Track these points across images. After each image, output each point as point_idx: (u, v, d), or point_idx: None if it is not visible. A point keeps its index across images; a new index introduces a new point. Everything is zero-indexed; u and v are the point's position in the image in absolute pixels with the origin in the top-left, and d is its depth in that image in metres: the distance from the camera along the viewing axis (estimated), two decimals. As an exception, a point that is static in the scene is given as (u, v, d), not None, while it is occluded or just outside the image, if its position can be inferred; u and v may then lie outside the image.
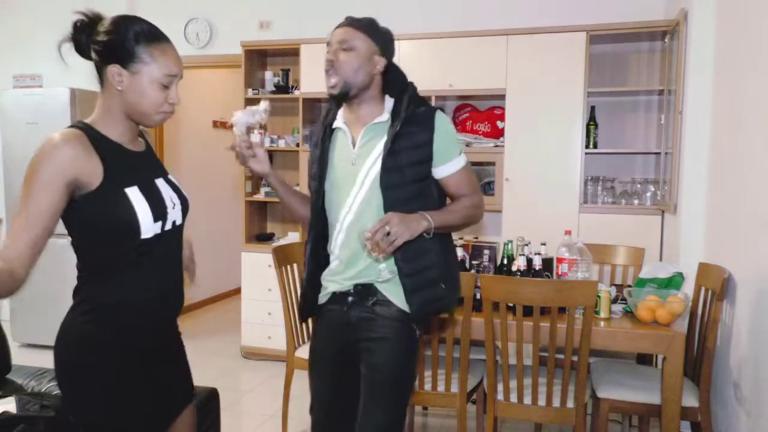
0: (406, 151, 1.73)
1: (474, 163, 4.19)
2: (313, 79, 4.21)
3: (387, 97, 1.84)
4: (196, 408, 1.95)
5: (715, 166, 2.94)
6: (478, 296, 2.46)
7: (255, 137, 1.83)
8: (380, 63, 1.78)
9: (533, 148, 3.82)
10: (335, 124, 1.83)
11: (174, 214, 1.53)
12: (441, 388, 2.56)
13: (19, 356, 2.69)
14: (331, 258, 1.85)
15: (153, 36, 1.45)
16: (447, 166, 1.78)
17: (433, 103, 3.97)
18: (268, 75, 4.57)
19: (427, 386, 2.58)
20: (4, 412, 1.99)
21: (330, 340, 1.88)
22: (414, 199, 1.73)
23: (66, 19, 1.50)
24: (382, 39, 1.80)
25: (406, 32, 4.10)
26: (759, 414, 2.17)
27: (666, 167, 3.46)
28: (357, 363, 1.82)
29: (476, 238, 3.08)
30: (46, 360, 1.46)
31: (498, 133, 4.04)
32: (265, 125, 1.90)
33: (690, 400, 2.44)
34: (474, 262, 2.81)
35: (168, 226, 1.52)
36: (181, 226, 1.59)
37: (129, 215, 1.41)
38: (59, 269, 4.54)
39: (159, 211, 1.47)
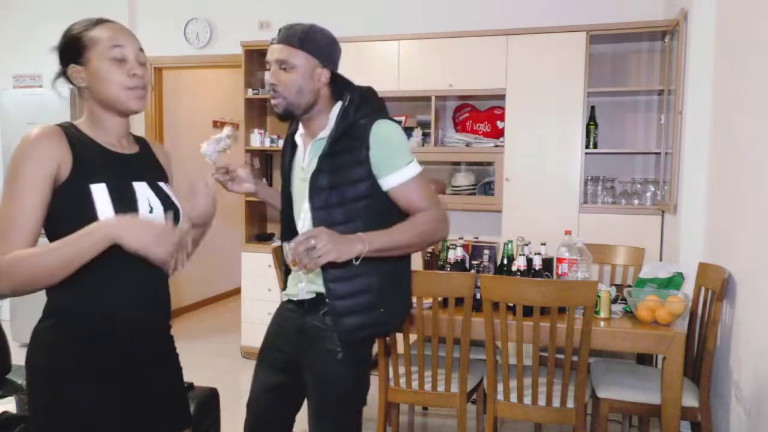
0: (345, 168, 1.65)
1: (474, 163, 4.19)
2: (313, 79, 4.21)
3: (335, 106, 1.74)
4: (197, 408, 1.95)
5: (715, 166, 2.94)
6: (478, 296, 2.46)
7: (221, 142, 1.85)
8: (323, 75, 1.69)
9: (533, 148, 3.82)
10: (297, 134, 1.83)
11: (147, 215, 1.42)
12: (441, 388, 2.56)
13: (19, 356, 2.68)
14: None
15: (89, 23, 1.43)
16: (391, 177, 1.65)
17: (433, 102, 3.97)
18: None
19: (427, 386, 2.58)
20: (4, 412, 1.99)
21: (283, 337, 1.85)
22: (350, 222, 1.63)
23: (66, 19, 1.50)
24: (322, 50, 1.68)
25: (406, 32, 4.10)
26: (759, 414, 2.17)
27: (666, 167, 3.46)
28: (303, 369, 1.77)
29: (476, 238, 3.08)
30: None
31: (498, 133, 4.04)
32: (227, 150, 1.89)
33: (690, 400, 2.44)
34: (474, 262, 2.81)
35: None
36: None
37: (88, 212, 1.33)
38: (59, 269, 4.55)
39: (125, 211, 1.36)
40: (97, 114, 1.45)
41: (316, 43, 1.68)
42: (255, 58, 4.59)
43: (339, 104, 1.72)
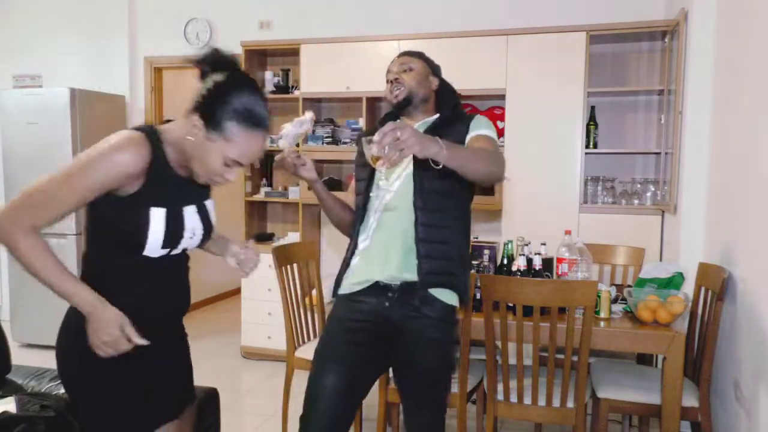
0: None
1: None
2: (312, 80, 4.21)
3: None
4: (197, 407, 1.95)
5: (715, 166, 2.94)
6: (478, 296, 2.46)
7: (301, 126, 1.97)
8: (434, 82, 2.08)
9: (533, 148, 3.82)
10: None
11: (187, 243, 1.54)
12: (441, 388, 2.56)
13: (19, 356, 2.69)
14: (361, 239, 1.94)
15: (250, 120, 1.40)
16: (473, 132, 1.94)
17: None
18: (268, 75, 4.57)
19: (427, 386, 2.58)
20: (4, 412, 1.99)
21: (356, 331, 1.86)
22: (450, 194, 1.89)
23: (66, 19, 1.49)
24: (433, 64, 2.12)
25: (406, 32, 4.10)
26: (759, 414, 2.17)
27: (666, 167, 3.46)
28: (378, 366, 1.91)
29: (476, 238, 3.08)
30: (46, 360, 1.47)
31: (498, 133, 4.04)
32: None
33: (690, 400, 2.44)
34: (474, 262, 2.81)
35: (176, 251, 1.53)
36: (193, 249, 1.61)
37: (141, 232, 1.41)
38: (59, 269, 4.55)
39: (172, 240, 1.47)
40: (180, 150, 1.47)
41: (428, 59, 2.12)
42: (255, 58, 4.59)
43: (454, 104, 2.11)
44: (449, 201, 1.92)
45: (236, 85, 1.41)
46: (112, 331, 1.40)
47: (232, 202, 5.18)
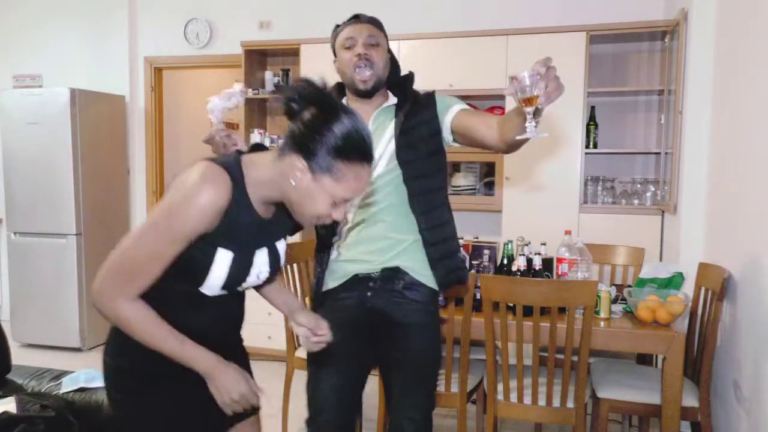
0: (418, 127, 1.87)
1: (474, 163, 4.19)
2: (313, 79, 4.21)
3: (391, 96, 1.98)
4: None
5: (715, 166, 2.94)
6: (478, 296, 2.46)
7: (234, 97, 1.86)
8: (389, 60, 1.95)
9: (533, 148, 3.82)
10: None
11: (248, 283, 1.45)
12: (441, 388, 2.56)
13: (19, 356, 2.69)
14: (335, 239, 1.90)
15: (355, 153, 1.27)
16: (456, 106, 1.90)
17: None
18: (268, 75, 4.57)
19: (427, 386, 2.58)
20: (4, 412, 1.98)
21: (344, 327, 1.80)
22: (432, 175, 1.88)
23: (66, 20, 1.47)
24: (386, 36, 1.98)
25: (406, 32, 4.10)
26: (759, 414, 2.17)
27: (666, 167, 3.46)
28: (371, 356, 1.88)
29: (476, 238, 3.08)
30: (46, 360, 1.46)
31: (498, 133, 4.04)
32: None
33: (690, 400, 2.44)
34: (474, 262, 2.81)
35: (233, 291, 1.46)
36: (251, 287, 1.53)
37: (203, 270, 1.33)
38: (59, 269, 4.55)
39: (233, 283, 1.40)
40: (271, 186, 1.34)
41: (384, 30, 1.98)
42: (255, 58, 4.59)
43: (402, 80, 1.99)
44: (440, 195, 1.94)
45: (339, 118, 1.27)
46: (241, 388, 1.38)
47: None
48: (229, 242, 1.33)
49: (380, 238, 1.85)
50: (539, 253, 2.63)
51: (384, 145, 1.87)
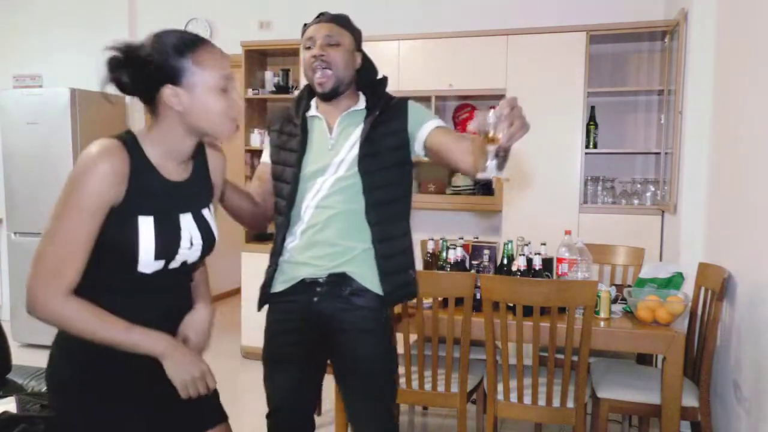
0: (384, 137, 1.79)
1: (474, 163, 4.18)
2: (313, 79, 4.21)
3: (361, 97, 1.90)
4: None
5: (715, 166, 2.94)
6: (478, 296, 2.46)
7: None
8: (358, 58, 1.85)
9: (533, 148, 3.82)
10: (309, 113, 1.88)
11: (187, 254, 1.42)
12: (441, 388, 2.56)
13: (19, 356, 2.68)
14: (290, 240, 1.84)
15: (192, 42, 1.33)
16: (430, 122, 1.80)
17: (433, 103, 3.97)
18: (268, 75, 4.57)
19: (427, 386, 2.58)
20: (4, 412, 1.98)
21: (293, 332, 1.83)
22: (393, 185, 1.81)
23: (66, 19, 1.47)
24: (357, 34, 1.86)
25: (406, 32, 4.10)
26: (759, 414, 2.17)
27: (666, 167, 3.46)
28: (325, 355, 1.86)
29: (476, 238, 3.08)
30: (46, 360, 1.44)
31: (498, 133, 4.04)
32: None
33: (690, 400, 2.44)
34: (474, 262, 2.81)
35: (174, 265, 1.40)
36: (194, 263, 1.48)
37: (130, 244, 1.31)
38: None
39: (166, 249, 1.36)
40: (173, 140, 1.36)
41: (354, 29, 1.85)
42: (255, 58, 4.59)
43: (372, 84, 1.90)
44: (400, 207, 1.87)
45: (156, 37, 1.32)
46: (202, 366, 1.35)
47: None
48: (144, 208, 1.32)
49: (330, 244, 1.78)
50: (539, 253, 2.63)
51: (347, 150, 1.79)
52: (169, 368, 1.34)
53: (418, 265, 3.28)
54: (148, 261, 1.33)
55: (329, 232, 1.78)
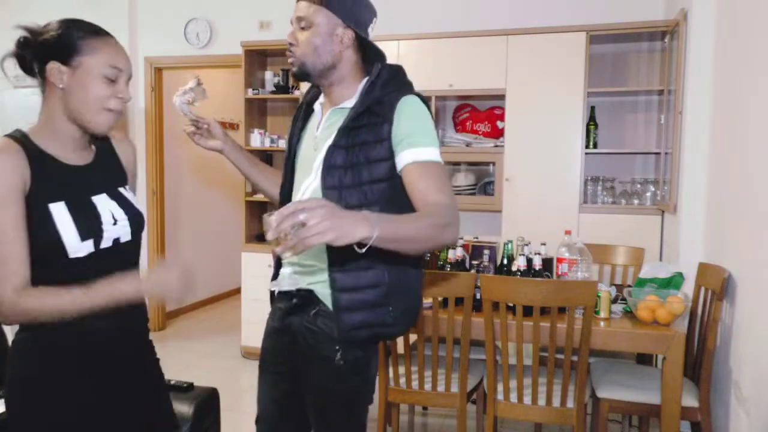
0: (364, 146, 1.50)
1: (474, 163, 4.19)
2: (313, 79, 4.21)
3: (364, 80, 1.60)
4: (197, 407, 1.94)
5: (715, 166, 2.94)
6: (478, 296, 2.46)
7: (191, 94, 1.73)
8: (346, 36, 1.54)
9: (533, 148, 3.82)
10: (316, 104, 1.69)
11: (115, 231, 1.39)
12: (441, 388, 2.56)
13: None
14: None
15: (94, 30, 1.38)
16: (407, 153, 1.45)
17: (433, 103, 3.97)
18: (268, 75, 4.57)
19: (427, 386, 2.58)
20: (4, 412, 1.99)
21: (271, 337, 1.71)
22: (366, 206, 1.44)
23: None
24: (345, 8, 1.53)
25: (406, 32, 4.10)
26: (759, 414, 2.17)
27: (666, 167, 3.46)
28: (298, 374, 1.64)
29: (476, 238, 3.08)
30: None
31: (498, 133, 4.04)
32: (194, 102, 1.76)
33: (690, 400, 2.44)
34: (474, 262, 2.81)
35: (106, 244, 1.38)
36: (131, 244, 1.45)
37: (51, 232, 1.30)
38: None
39: (89, 228, 1.34)
40: (57, 122, 1.38)
41: (338, 2, 1.53)
42: (255, 58, 4.59)
43: (367, 78, 1.57)
44: None
45: (63, 20, 1.38)
46: (175, 270, 1.33)
47: (233, 202, 5.19)
48: (52, 195, 1.32)
49: (303, 259, 1.60)
50: (539, 253, 2.63)
51: (323, 155, 1.55)
52: (152, 289, 1.35)
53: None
54: (75, 244, 1.32)
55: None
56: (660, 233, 3.64)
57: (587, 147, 3.80)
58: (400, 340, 2.62)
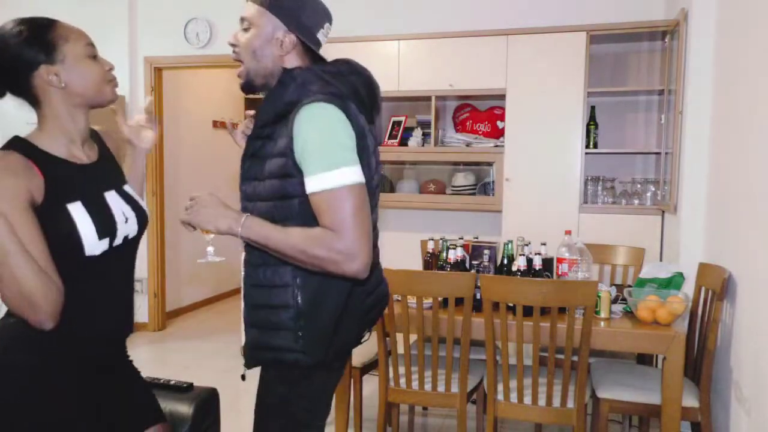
0: (271, 159, 1.40)
1: (474, 163, 4.19)
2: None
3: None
4: (197, 408, 1.94)
5: (715, 166, 2.94)
6: (478, 296, 2.46)
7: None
8: (288, 40, 1.44)
9: (533, 148, 3.82)
10: None
11: (126, 229, 1.44)
12: (441, 388, 2.56)
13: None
14: None
15: (49, 22, 1.39)
16: (306, 181, 1.35)
17: (433, 103, 3.97)
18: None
19: (427, 386, 2.58)
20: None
21: None
22: (283, 220, 1.39)
23: (67, 19, 1.48)
24: (284, 10, 1.45)
25: (406, 32, 4.10)
26: (759, 414, 2.17)
27: (666, 167, 3.46)
28: None
29: (476, 238, 3.08)
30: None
31: (498, 133, 4.04)
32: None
33: (690, 400, 2.44)
34: (474, 262, 2.81)
35: (118, 242, 1.42)
36: (136, 239, 1.50)
37: (71, 232, 1.31)
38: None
39: (105, 227, 1.37)
40: (64, 123, 1.38)
41: (281, 2, 1.45)
42: (255, 58, 4.58)
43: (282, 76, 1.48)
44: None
45: (7, 32, 1.35)
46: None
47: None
48: (68, 196, 1.33)
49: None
50: (539, 253, 2.63)
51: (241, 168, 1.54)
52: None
53: (418, 265, 3.29)
54: (93, 242, 1.34)
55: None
56: (660, 233, 3.64)
57: (587, 147, 3.80)
58: (400, 340, 2.62)
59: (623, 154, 3.98)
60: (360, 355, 2.88)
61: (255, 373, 1.66)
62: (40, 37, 1.34)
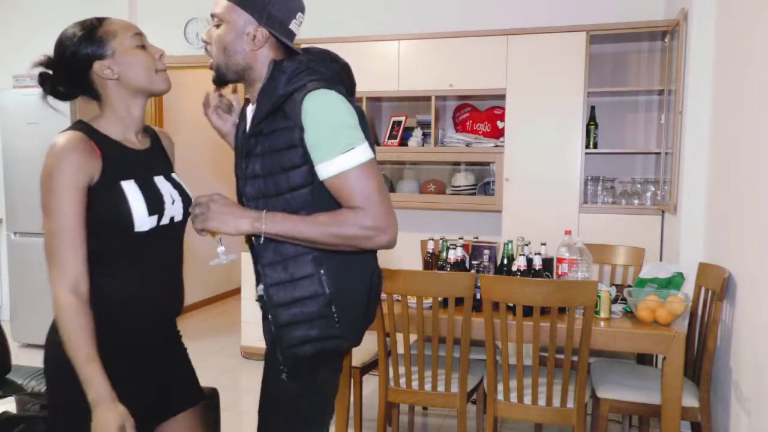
0: (278, 153, 1.40)
1: (474, 163, 4.19)
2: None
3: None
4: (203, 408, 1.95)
5: (715, 166, 2.94)
6: (478, 296, 2.46)
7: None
8: (260, 34, 1.43)
9: (533, 148, 3.82)
10: (248, 107, 1.58)
11: (172, 210, 1.52)
12: (441, 388, 2.56)
13: (19, 356, 2.69)
14: None
15: (98, 21, 1.48)
16: (322, 168, 1.36)
17: (433, 103, 3.97)
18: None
19: (427, 386, 2.58)
20: (4, 412, 1.99)
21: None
22: (291, 213, 1.40)
23: (67, 19, 1.49)
24: (256, 5, 1.42)
25: (406, 32, 4.10)
26: (759, 414, 2.17)
27: (666, 167, 3.46)
28: None
29: (476, 238, 3.08)
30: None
31: (498, 133, 4.04)
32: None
33: (690, 400, 2.44)
34: (474, 262, 2.81)
35: (165, 221, 1.50)
36: (181, 223, 1.57)
37: (123, 207, 1.42)
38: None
39: (155, 204, 1.47)
40: (120, 111, 1.49)
41: (250, 4, 1.43)
42: (255, 58, 4.58)
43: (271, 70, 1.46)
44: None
45: (61, 39, 1.46)
46: (116, 422, 1.31)
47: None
48: (123, 174, 1.45)
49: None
50: (539, 253, 2.63)
51: (243, 168, 1.50)
52: (93, 420, 1.32)
53: (418, 265, 3.29)
54: (142, 218, 1.44)
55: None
56: (660, 233, 3.64)
57: (587, 147, 3.80)
58: (400, 340, 2.62)
59: (623, 154, 3.98)
60: (360, 355, 2.88)
61: (255, 374, 1.65)
62: (90, 35, 1.45)
